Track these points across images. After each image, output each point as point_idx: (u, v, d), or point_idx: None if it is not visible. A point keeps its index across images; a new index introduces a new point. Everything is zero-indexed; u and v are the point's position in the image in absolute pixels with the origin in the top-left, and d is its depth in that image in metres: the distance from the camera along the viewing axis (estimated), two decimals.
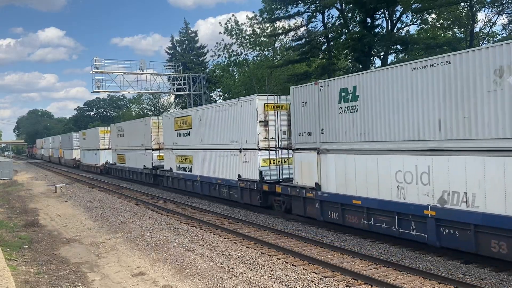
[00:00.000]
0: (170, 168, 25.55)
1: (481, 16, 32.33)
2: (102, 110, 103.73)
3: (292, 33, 35.22)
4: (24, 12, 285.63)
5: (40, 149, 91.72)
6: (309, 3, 31.46)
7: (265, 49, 42.29)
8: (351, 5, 29.25)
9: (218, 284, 9.32)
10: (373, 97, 11.67)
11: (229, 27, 40.95)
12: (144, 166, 29.66)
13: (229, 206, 19.77)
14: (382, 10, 28.73)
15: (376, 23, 29.44)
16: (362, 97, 12.00)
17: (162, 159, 27.57)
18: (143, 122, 30.45)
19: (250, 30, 39.92)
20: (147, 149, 29.23)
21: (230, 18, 41.85)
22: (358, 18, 30.12)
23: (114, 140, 38.01)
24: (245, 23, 40.27)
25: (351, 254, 11.13)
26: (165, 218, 17.67)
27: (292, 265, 10.48)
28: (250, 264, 10.67)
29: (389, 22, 29.90)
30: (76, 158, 53.78)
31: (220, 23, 45.50)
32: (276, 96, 17.43)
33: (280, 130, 17.35)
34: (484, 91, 9.09)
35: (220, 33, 42.71)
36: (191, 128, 22.97)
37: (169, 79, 41.95)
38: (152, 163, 28.50)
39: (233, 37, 40.96)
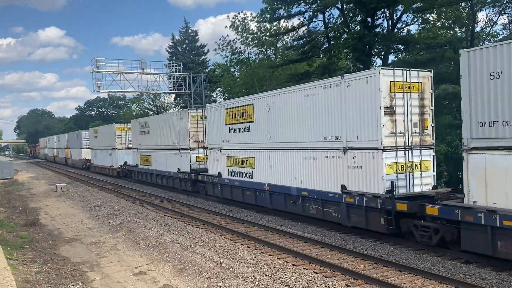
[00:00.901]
0: (219, 172, 20.37)
1: (482, 16, 32.38)
2: (103, 109, 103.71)
3: (293, 32, 35.24)
4: (24, 11, 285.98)
5: (44, 149, 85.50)
6: (310, 3, 31.45)
7: (268, 49, 42.32)
8: (351, 5, 29.25)
9: (218, 284, 9.33)
10: None
11: (236, 22, 40.95)
12: (178, 169, 24.62)
13: (229, 206, 19.74)
14: (382, 10, 28.72)
15: (377, 22, 29.45)
16: None
17: (202, 161, 23.40)
18: (177, 116, 25.40)
19: (255, 27, 39.97)
20: (182, 148, 24.31)
21: (238, 13, 41.85)
22: (358, 18, 30.11)
23: (136, 138, 32.24)
24: (251, 19, 40.33)
25: (352, 253, 11.14)
26: (165, 217, 17.68)
27: (293, 264, 10.49)
28: (250, 263, 10.67)
29: (390, 21, 29.89)
30: (85, 159, 48.26)
31: (228, 16, 45.52)
32: (405, 71, 12.41)
33: (410, 120, 12.39)
34: None
35: (226, 27, 42.70)
36: (252, 121, 17.77)
37: (169, 79, 41.92)
38: (190, 165, 23.50)
39: (239, 33, 40.99)
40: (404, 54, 31.36)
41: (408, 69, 12.64)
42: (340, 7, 30.34)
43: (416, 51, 28.81)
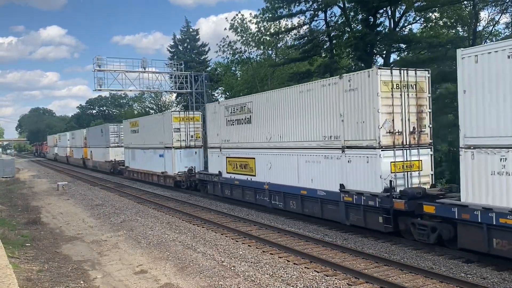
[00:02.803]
0: None
1: (484, 14, 32.33)
2: (104, 108, 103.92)
3: (294, 31, 35.24)
4: (24, 10, 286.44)
5: (53, 147, 73.33)
6: (311, 1, 31.44)
7: (268, 48, 42.32)
8: (353, 4, 29.23)
9: (219, 282, 9.33)
10: None
11: (235, 24, 41.00)
12: (341, 186, 13.28)
13: (230, 205, 19.75)
14: (384, 9, 28.69)
15: (378, 21, 29.43)
16: None
17: (402, 172, 12.38)
18: (337, 86, 13.53)
19: (255, 27, 40.01)
20: (352, 147, 13.04)
21: (236, 15, 41.93)
22: (360, 17, 30.09)
23: (217, 131, 20.69)
24: (250, 20, 40.37)
25: (353, 252, 11.13)
26: (167, 216, 17.69)
27: (294, 263, 10.49)
28: (251, 262, 10.68)
29: (392, 20, 29.86)
30: (115, 161, 38.06)
31: (226, 18, 45.53)
32: None
33: None
34: None
35: (225, 29, 42.77)
36: None
37: (170, 78, 41.94)
38: (382, 180, 12.06)
39: (238, 34, 41.03)
40: (406, 53, 31.33)
41: None
42: (342, 6, 30.34)
43: (418, 50, 28.78)
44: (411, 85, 12.56)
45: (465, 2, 27.34)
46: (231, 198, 20.02)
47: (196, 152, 25.23)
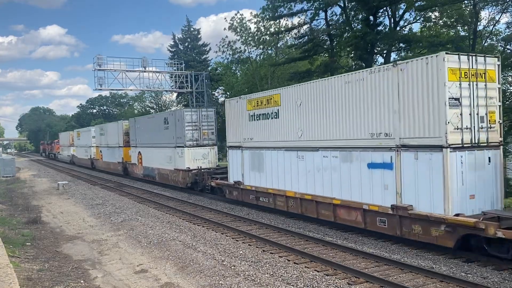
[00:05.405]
0: None
1: (484, 14, 32.33)
2: (105, 107, 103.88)
3: (294, 31, 35.24)
4: (24, 9, 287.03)
5: (68, 147, 58.64)
6: (312, 1, 31.44)
7: (268, 48, 42.30)
8: (353, 3, 29.24)
9: (220, 282, 9.34)
10: None
11: (234, 23, 40.99)
12: None
13: (231, 204, 19.76)
14: (384, 8, 28.68)
15: (379, 21, 29.42)
16: None
17: None
18: None
19: (254, 27, 40.00)
20: None
21: (235, 14, 41.93)
22: (360, 16, 30.08)
23: None
24: (250, 19, 40.36)
25: (353, 252, 11.14)
26: (167, 215, 17.70)
27: (294, 263, 10.49)
28: (252, 262, 10.68)
29: (392, 20, 29.86)
30: (199, 169, 23.75)
31: (225, 18, 45.39)
32: None
33: None
34: None
35: (224, 29, 42.79)
36: None
37: (171, 77, 41.95)
38: None
39: (238, 34, 41.01)
40: (406, 52, 31.33)
41: None
42: (342, 5, 30.35)
43: (418, 50, 28.78)
44: None
45: (466, 2, 27.31)
46: None
47: (490, 158, 11.05)
